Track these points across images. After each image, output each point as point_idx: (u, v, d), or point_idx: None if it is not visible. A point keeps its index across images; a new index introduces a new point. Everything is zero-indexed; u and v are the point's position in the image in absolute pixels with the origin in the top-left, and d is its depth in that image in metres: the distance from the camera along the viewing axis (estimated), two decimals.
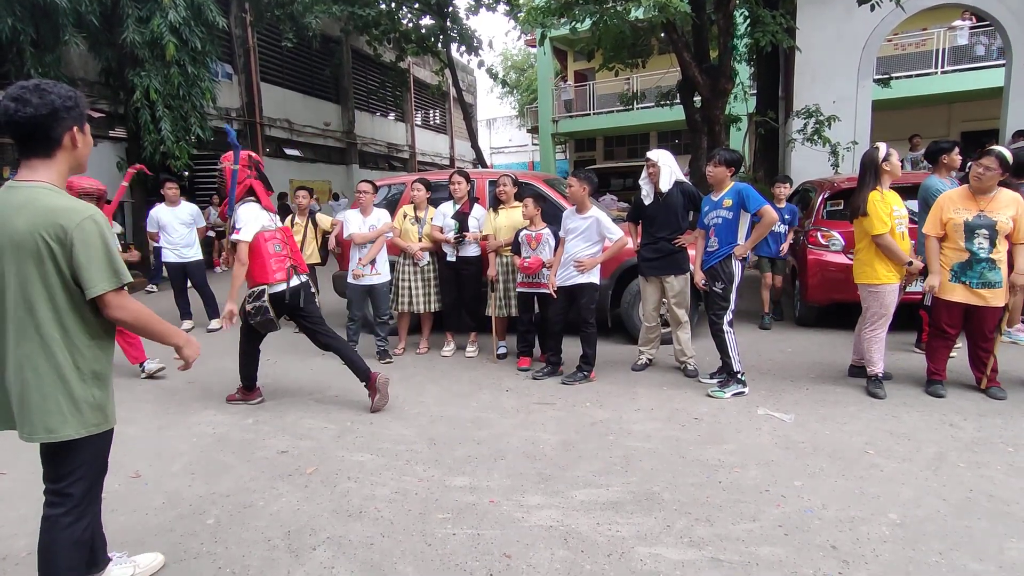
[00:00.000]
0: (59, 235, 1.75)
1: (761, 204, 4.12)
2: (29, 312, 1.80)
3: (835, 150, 9.94)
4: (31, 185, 1.80)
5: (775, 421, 3.70)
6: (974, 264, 3.83)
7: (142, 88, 9.46)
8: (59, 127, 1.82)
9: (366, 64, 18.88)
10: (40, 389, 1.82)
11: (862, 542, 2.41)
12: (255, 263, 3.87)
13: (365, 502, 2.86)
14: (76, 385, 1.85)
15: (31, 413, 1.83)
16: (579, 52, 23.91)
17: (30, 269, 1.77)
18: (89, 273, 1.78)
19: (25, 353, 1.81)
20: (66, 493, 1.93)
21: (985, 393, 3.99)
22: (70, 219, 1.76)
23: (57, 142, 1.83)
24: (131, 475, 3.24)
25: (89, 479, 1.98)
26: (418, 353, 5.58)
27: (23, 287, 1.78)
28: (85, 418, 1.88)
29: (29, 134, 1.80)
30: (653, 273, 4.70)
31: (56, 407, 1.84)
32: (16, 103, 1.75)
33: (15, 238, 1.76)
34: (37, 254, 1.76)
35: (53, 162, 1.85)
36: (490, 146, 36.27)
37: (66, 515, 1.93)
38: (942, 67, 16.09)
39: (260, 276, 3.89)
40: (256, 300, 3.88)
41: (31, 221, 1.75)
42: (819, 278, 5.67)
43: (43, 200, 1.77)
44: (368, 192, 5.27)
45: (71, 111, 1.84)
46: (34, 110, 1.76)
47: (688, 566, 2.29)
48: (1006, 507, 2.64)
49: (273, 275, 3.88)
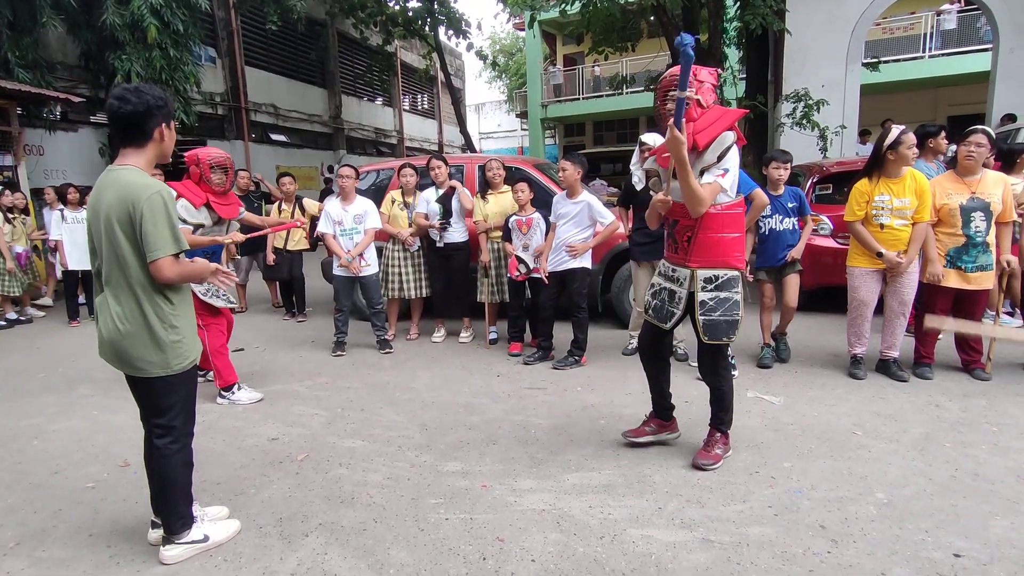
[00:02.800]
0: (134, 205, 2.10)
1: (752, 187, 4.11)
2: (122, 271, 2.17)
3: (823, 134, 9.96)
4: (121, 168, 2.18)
5: (765, 404, 3.73)
6: (970, 248, 3.83)
7: (123, 72, 9.25)
8: (151, 123, 2.19)
9: (352, 48, 18.61)
10: (134, 335, 2.19)
11: (850, 521, 2.45)
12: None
13: (357, 488, 2.86)
14: (160, 331, 2.21)
15: (129, 356, 2.21)
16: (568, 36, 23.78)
17: (120, 235, 2.13)
18: (146, 241, 2.11)
19: (122, 305, 2.19)
20: (170, 425, 2.30)
21: (970, 374, 4.04)
22: (142, 193, 2.10)
23: (149, 135, 2.20)
24: (120, 464, 3.21)
25: (186, 410, 2.35)
26: (408, 339, 5.56)
27: (116, 250, 2.15)
28: (171, 359, 2.24)
29: (127, 127, 2.17)
30: (645, 258, 4.69)
31: (147, 351, 2.20)
32: (119, 102, 2.13)
33: (107, 209, 2.13)
34: (125, 222, 2.12)
35: (144, 151, 2.22)
36: (479, 131, 36.03)
37: (173, 443, 2.31)
38: (930, 51, 16.13)
39: None
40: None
41: (117, 194, 2.12)
42: (808, 262, 5.68)
43: (126, 177, 2.14)
44: (350, 177, 5.13)
45: (161, 110, 2.20)
46: (132, 108, 2.13)
47: (680, 547, 2.31)
48: (990, 486, 2.68)
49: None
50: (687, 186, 2.61)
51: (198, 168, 3.89)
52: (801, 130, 10.05)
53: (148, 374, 2.23)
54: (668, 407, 3.18)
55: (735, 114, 2.73)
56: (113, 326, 2.19)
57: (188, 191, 3.86)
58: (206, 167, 3.87)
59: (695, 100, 2.67)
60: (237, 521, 2.57)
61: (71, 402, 4.21)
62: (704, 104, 2.70)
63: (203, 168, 3.87)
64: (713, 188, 2.67)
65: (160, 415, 2.29)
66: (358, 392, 4.23)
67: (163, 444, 2.30)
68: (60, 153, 10.03)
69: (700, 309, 2.80)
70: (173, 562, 2.34)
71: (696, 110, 2.67)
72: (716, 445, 2.97)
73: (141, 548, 2.44)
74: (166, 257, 2.13)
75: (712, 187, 2.67)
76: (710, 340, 2.83)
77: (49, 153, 9.84)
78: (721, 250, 2.79)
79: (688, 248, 2.83)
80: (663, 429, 3.19)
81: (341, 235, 5.09)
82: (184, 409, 2.35)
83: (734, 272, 2.80)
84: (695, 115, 2.66)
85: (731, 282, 2.79)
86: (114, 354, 2.24)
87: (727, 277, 2.79)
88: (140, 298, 2.18)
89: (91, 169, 10.55)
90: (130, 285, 2.17)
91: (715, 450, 2.95)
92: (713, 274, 2.80)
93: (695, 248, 2.81)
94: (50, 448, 3.44)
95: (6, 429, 3.72)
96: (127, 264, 2.15)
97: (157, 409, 2.29)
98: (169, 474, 2.32)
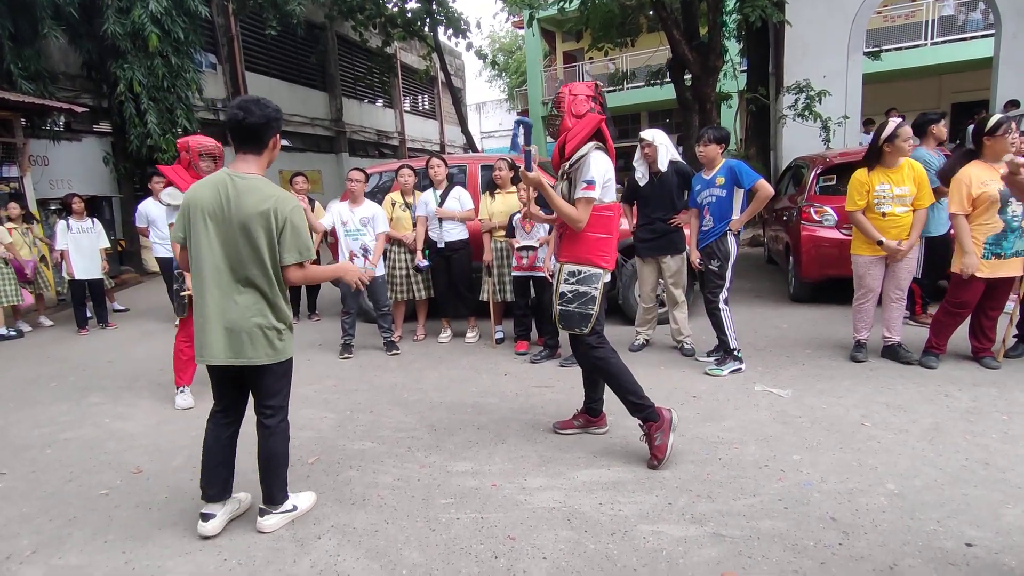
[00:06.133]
0: (276, 214, 2.33)
1: (756, 179, 4.11)
2: (249, 270, 2.37)
3: (826, 125, 9.92)
4: (250, 176, 2.39)
5: (772, 397, 3.73)
6: (1008, 234, 3.79)
7: (125, 81, 9.32)
8: (269, 132, 2.41)
9: (352, 50, 18.63)
10: (255, 330, 2.41)
11: (861, 513, 2.44)
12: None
13: (368, 490, 2.88)
14: (276, 323, 2.46)
15: (252, 348, 2.42)
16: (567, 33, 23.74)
17: (253, 238, 2.33)
18: (287, 246, 2.37)
19: (246, 301, 2.40)
20: (279, 406, 2.57)
21: (979, 363, 4.02)
22: (286, 205, 2.37)
23: (265, 144, 2.43)
24: (133, 471, 3.24)
25: (287, 393, 2.62)
26: (415, 340, 5.58)
27: (248, 251, 2.35)
28: (280, 350, 2.49)
29: (248, 136, 2.38)
30: (650, 254, 4.70)
31: (266, 343, 2.44)
32: (244, 112, 2.33)
33: (245, 214, 2.32)
34: (264, 227, 2.33)
35: (260, 158, 2.44)
36: (480, 130, 36.01)
37: (281, 422, 2.58)
38: (931, 39, 16.03)
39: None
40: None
41: (258, 202, 2.32)
42: (813, 254, 5.68)
43: (264, 188, 2.37)
44: (359, 181, 5.17)
45: (278, 122, 2.43)
46: (256, 119, 2.34)
47: (690, 542, 2.32)
48: (1001, 474, 2.67)
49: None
50: (561, 212, 2.91)
51: (188, 154, 3.99)
52: (803, 121, 10.01)
53: (267, 361, 2.45)
54: (595, 402, 3.33)
55: (590, 122, 2.87)
56: (238, 320, 2.39)
57: (177, 176, 4.01)
58: (195, 154, 3.96)
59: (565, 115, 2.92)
60: (313, 493, 2.81)
61: (82, 411, 4.24)
62: (577, 114, 2.90)
63: (192, 155, 3.97)
64: (584, 203, 2.88)
65: (272, 397, 2.54)
66: (366, 394, 4.25)
67: (273, 423, 2.55)
68: (65, 163, 10.09)
69: (559, 300, 3.00)
70: (271, 530, 2.57)
71: (570, 120, 2.90)
72: (654, 439, 2.91)
73: (156, 553, 2.46)
74: (293, 264, 2.40)
75: (582, 203, 2.88)
76: (564, 329, 3.04)
77: (54, 163, 9.90)
78: (586, 248, 2.96)
79: (560, 243, 3.09)
80: (590, 424, 3.38)
81: (346, 235, 5.12)
82: (288, 391, 2.62)
83: (596, 270, 2.96)
84: (569, 125, 2.91)
85: (592, 278, 2.96)
86: (232, 348, 2.42)
87: (589, 273, 2.96)
88: (266, 294, 2.42)
89: (96, 178, 10.62)
90: (258, 283, 2.40)
91: (656, 443, 2.91)
92: (576, 269, 2.98)
93: (564, 243, 3.04)
94: (63, 457, 3.47)
95: (19, 438, 3.76)
96: (261, 264, 2.37)
97: (269, 392, 2.53)
98: (278, 448, 2.58)
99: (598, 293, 2.94)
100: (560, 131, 2.94)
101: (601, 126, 2.90)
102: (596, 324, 2.99)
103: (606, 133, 2.95)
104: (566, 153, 2.91)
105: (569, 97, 2.91)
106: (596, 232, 2.94)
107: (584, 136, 2.87)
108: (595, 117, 2.88)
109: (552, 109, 3.03)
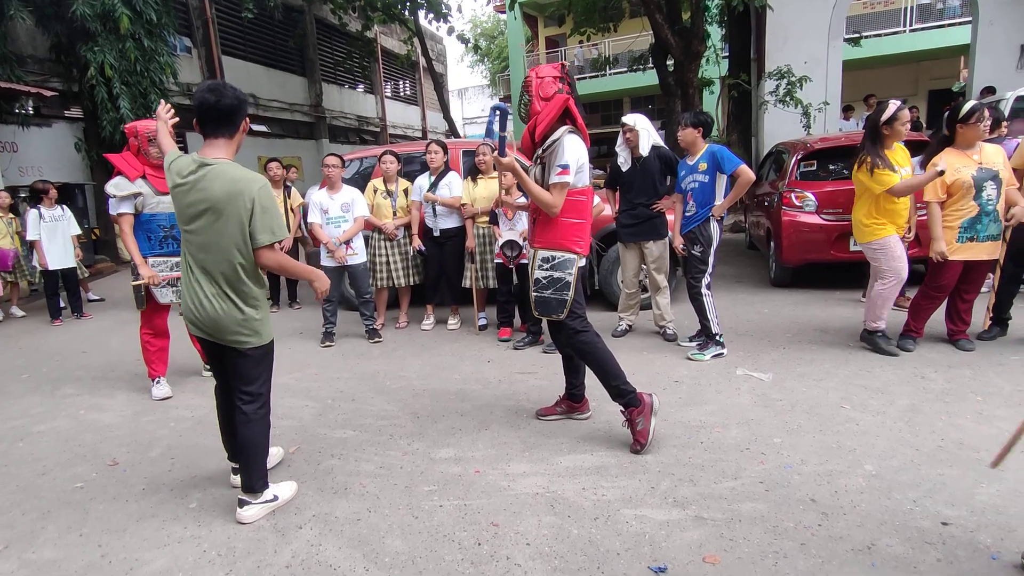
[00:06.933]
0: (246, 196, 2.30)
1: (737, 164, 4.11)
2: (224, 254, 2.36)
3: (807, 111, 9.97)
4: (218, 161, 2.36)
5: (754, 381, 3.76)
6: (983, 217, 3.83)
7: (96, 64, 9.06)
8: (240, 115, 2.40)
9: (331, 34, 18.31)
10: (229, 313, 2.41)
11: (840, 494, 2.48)
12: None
13: (350, 478, 2.85)
14: (249, 310, 2.45)
15: (226, 331, 2.43)
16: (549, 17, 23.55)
17: (226, 222, 2.32)
18: (258, 227, 2.34)
19: (220, 286, 2.40)
20: (257, 393, 2.54)
21: (955, 345, 4.09)
22: (253, 186, 2.33)
23: (237, 127, 2.42)
24: (108, 463, 3.17)
25: (268, 379, 2.60)
26: (398, 328, 5.54)
27: (220, 236, 2.34)
28: (259, 333, 2.49)
29: (220, 120, 2.36)
30: (632, 239, 4.70)
31: (241, 327, 2.44)
32: (215, 94, 2.32)
33: (214, 200, 2.30)
34: (232, 211, 2.31)
35: (231, 142, 2.42)
36: (462, 116, 35.75)
37: (260, 408, 2.55)
38: (910, 25, 16.17)
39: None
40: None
41: (225, 187, 2.30)
42: (793, 239, 5.73)
43: (232, 171, 2.33)
44: (336, 166, 5.10)
45: (247, 104, 2.43)
46: (228, 101, 2.33)
47: (673, 525, 2.33)
48: (976, 454, 2.72)
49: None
50: (535, 197, 2.87)
51: (136, 140, 3.85)
52: (784, 107, 10.05)
53: (242, 346, 2.46)
54: (576, 387, 3.33)
55: (557, 102, 2.83)
56: (208, 303, 2.41)
57: (124, 163, 3.85)
58: (144, 139, 3.82)
59: (534, 99, 2.88)
60: (294, 482, 2.77)
61: (56, 402, 4.15)
62: (544, 96, 2.85)
63: (141, 140, 3.84)
64: (559, 188, 2.84)
65: (249, 383, 2.53)
66: (348, 382, 4.21)
67: (252, 410, 2.52)
68: (35, 149, 9.82)
69: (534, 286, 2.98)
70: (250, 521, 2.53)
71: (539, 103, 2.86)
72: (636, 424, 2.93)
73: (134, 545, 2.42)
74: (264, 246, 2.37)
75: (557, 188, 2.84)
76: (540, 315, 3.03)
77: (23, 149, 9.63)
78: (560, 233, 2.94)
79: (533, 229, 3.04)
80: (572, 409, 3.38)
81: (327, 223, 5.05)
82: (268, 378, 2.60)
83: (571, 255, 2.94)
84: (538, 108, 2.86)
85: (566, 264, 2.94)
86: (210, 328, 2.45)
87: (563, 259, 2.94)
88: (235, 279, 2.40)
89: (67, 165, 10.35)
90: (227, 268, 2.39)
91: (638, 428, 2.92)
92: (551, 254, 2.96)
93: (538, 229, 3.00)
94: (36, 450, 3.39)
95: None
96: (229, 249, 2.35)
97: (248, 378, 2.52)
98: (256, 437, 2.55)
99: (572, 278, 2.93)
100: (530, 115, 2.90)
101: (569, 105, 2.86)
102: (576, 308, 2.98)
103: (575, 112, 2.89)
104: (536, 135, 2.88)
105: (536, 80, 2.87)
106: (570, 217, 2.92)
107: (552, 117, 2.82)
108: (562, 97, 2.83)
109: (524, 95, 2.98)
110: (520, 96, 3.04)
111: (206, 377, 4.39)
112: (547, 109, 2.83)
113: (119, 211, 3.84)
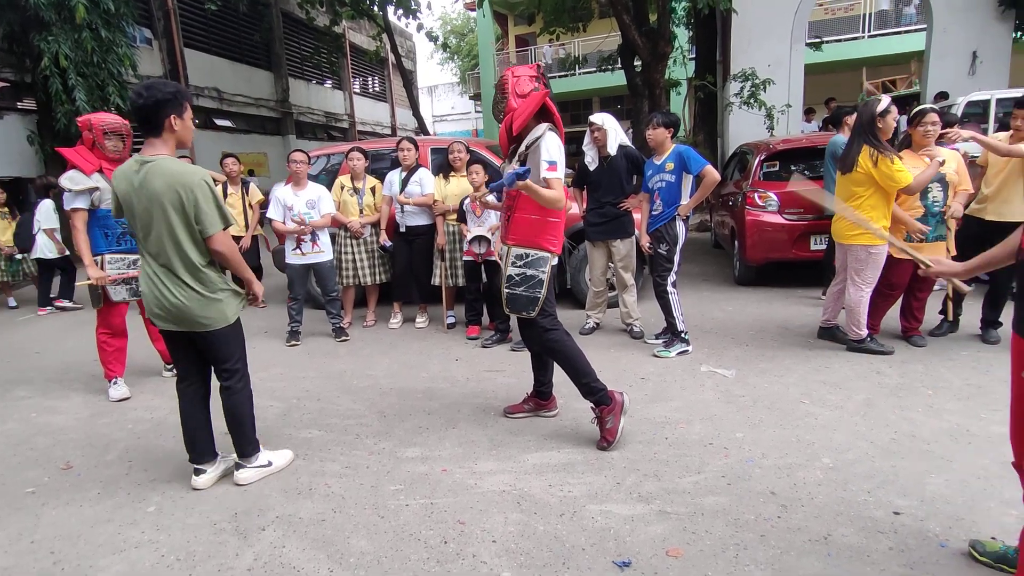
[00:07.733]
0: (186, 189, 2.42)
1: (703, 165, 4.18)
2: (176, 247, 2.49)
3: (770, 113, 10.19)
4: (159, 158, 2.47)
5: (718, 377, 3.83)
6: (928, 218, 3.95)
7: (50, 54, 8.71)
8: (161, 115, 2.45)
9: (299, 29, 17.97)
10: (192, 299, 2.54)
11: (799, 486, 2.54)
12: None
13: (314, 479, 2.82)
14: (209, 294, 2.57)
15: (192, 318, 2.56)
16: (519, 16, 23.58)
17: (171, 215, 2.44)
18: (203, 219, 2.46)
19: (175, 276, 2.52)
20: (233, 369, 2.72)
21: (908, 342, 4.23)
22: (192, 178, 2.44)
23: (161, 126, 2.47)
24: (62, 467, 3.07)
25: (242, 355, 2.77)
26: (365, 326, 5.48)
27: (169, 229, 2.46)
28: (227, 313, 2.63)
29: (143, 120, 2.46)
30: (599, 237, 4.73)
31: (205, 310, 2.57)
32: (136, 95, 2.44)
33: (156, 195, 2.42)
34: (178, 205, 2.43)
35: (164, 140, 2.50)
36: (432, 114, 35.53)
37: (238, 382, 2.73)
38: (869, 31, 16.65)
39: None
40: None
41: (167, 182, 2.42)
42: (756, 238, 5.85)
43: (170, 167, 2.45)
44: (302, 162, 5.01)
45: (171, 103, 2.46)
46: (143, 102, 2.42)
47: (637, 520, 2.36)
48: (926, 446, 2.83)
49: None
50: (543, 199, 2.81)
51: (91, 133, 3.73)
52: (749, 109, 10.25)
53: (211, 328, 2.59)
54: (544, 385, 3.34)
55: (535, 98, 2.84)
56: (170, 295, 2.53)
57: (79, 158, 3.72)
58: (99, 132, 3.71)
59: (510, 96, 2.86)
60: (289, 451, 3.01)
61: (6, 405, 4.00)
62: (521, 94, 2.85)
63: (96, 134, 3.72)
64: (555, 184, 2.82)
65: (226, 361, 2.70)
66: (314, 381, 4.16)
67: (232, 384, 2.71)
68: None
69: (506, 283, 2.99)
70: (247, 483, 2.77)
71: (515, 100, 2.85)
72: (606, 422, 2.96)
73: (88, 552, 2.35)
74: (220, 231, 2.50)
75: (553, 184, 2.82)
76: (511, 312, 3.04)
77: None
78: (534, 231, 2.94)
79: (507, 226, 3.02)
80: (540, 407, 3.40)
81: (292, 220, 4.95)
82: (243, 354, 2.77)
83: (544, 253, 2.95)
84: (514, 105, 2.86)
85: (539, 262, 2.95)
86: (175, 318, 2.57)
87: (536, 256, 2.96)
88: (191, 268, 2.52)
89: (19, 158, 9.95)
90: (182, 259, 2.50)
91: (607, 426, 2.96)
92: (524, 252, 2.97)
93: (512, 226, 2.99)
94: None
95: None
96: (180, 241, 2.47)
97: (223, 357, 2.69)
98: (240, 408, 2.75)
99: (545, 276, 2.94)
100: (506, 113, 2.90)
101: (547, 101, 2.88)
102: (547, 307, 2.99)
103: (552, 108, 2.92)
104: (514, 130, 2.88)
105: (512, 79, 2.87)
106: (544, 216, 2.93)
107: (530, 112, 2.83)
108: (539, 93, 2.85)
109: (497, 94, 2.98)
110: (494, 96, 3.03)
111: (166, 378, 4.28)
112: (524, 105, 2.83)
113: (74, 206, 3.67)
